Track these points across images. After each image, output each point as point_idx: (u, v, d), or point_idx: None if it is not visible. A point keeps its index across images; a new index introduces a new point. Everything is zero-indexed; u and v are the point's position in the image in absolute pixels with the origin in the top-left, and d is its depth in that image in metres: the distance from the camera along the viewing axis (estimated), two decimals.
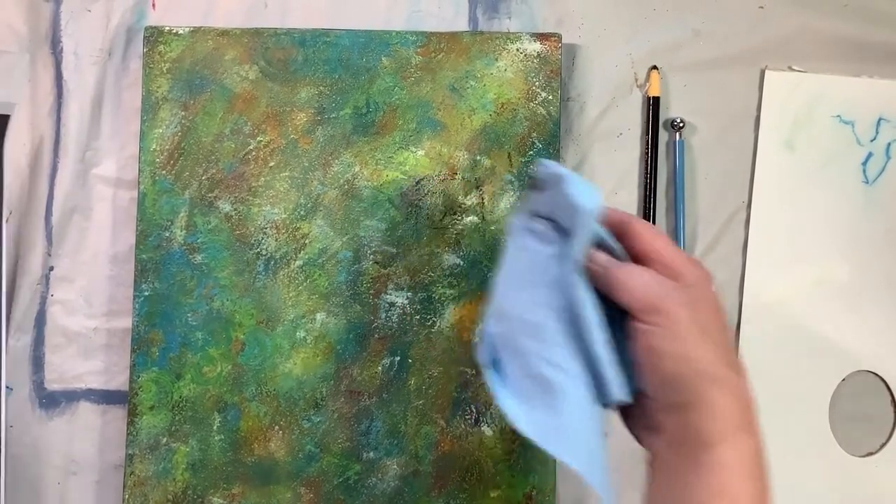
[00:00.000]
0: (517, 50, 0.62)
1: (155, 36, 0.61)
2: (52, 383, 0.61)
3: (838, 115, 0.62)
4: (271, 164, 0.61)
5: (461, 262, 0.61)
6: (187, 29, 0.62)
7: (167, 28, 0.61)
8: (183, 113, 0.61)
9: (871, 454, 0.61)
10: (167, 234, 0.61)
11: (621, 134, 0.63)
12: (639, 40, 0.63)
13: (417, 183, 0.61)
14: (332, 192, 0.61)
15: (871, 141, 0.62)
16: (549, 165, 0.47)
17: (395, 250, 0.61)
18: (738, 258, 0.62)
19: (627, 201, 0.62)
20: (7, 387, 0.61)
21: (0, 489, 0.53)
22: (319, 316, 0.60)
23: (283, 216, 0.61)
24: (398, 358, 0.60)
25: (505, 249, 0.49)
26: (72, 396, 0.61)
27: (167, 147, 0.61)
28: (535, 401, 0.45)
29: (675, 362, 0.42)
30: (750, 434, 0.42)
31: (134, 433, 0.60)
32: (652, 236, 0.45)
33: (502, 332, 0.47)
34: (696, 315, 0.43)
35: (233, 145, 0.61)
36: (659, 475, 0.43)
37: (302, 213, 0.61)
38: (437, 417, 0.60)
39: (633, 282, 0.44)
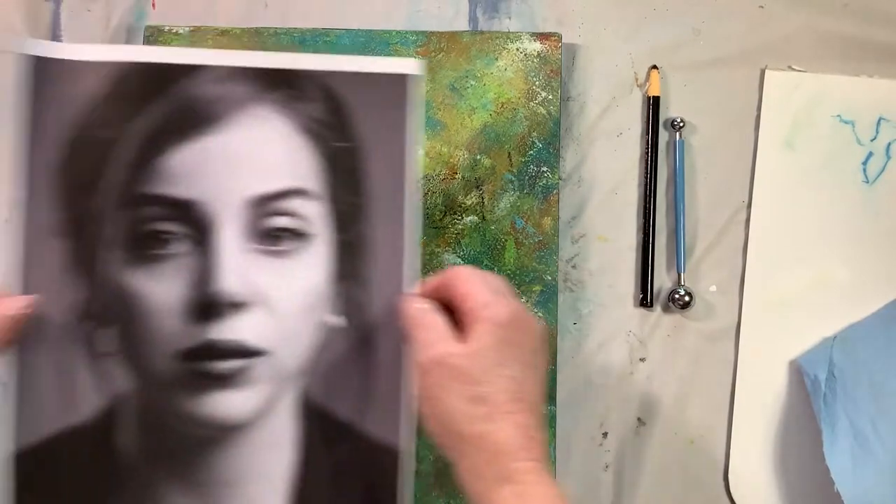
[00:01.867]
0: (517, 49, 0.62)
1: (155, 36, 0.61)
2: None
3: (838, 115, 0.62)
4: None
5: (461, 262, 0.61)
6: (187, 29, 0.62)
7: (167, 28, 0.61)
8: None
9: None
10: None
11: (621, 134, 0.63)
12: (639, 40, 0.63)
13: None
14: None
15: (871, 141, 0.62)
16: None
17: None
18: (738, 258, 0.62)
19: (627, 201, 0.62)
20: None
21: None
22: None
23: None
24: None
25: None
26: None
27: None
28: (847, 442, 0.56)
29: None
30: None
31: None
32: None
33: (844, 365, 0.57)
34: None
35: None
36: None
37: None
38: None
39: None
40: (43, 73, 0.48)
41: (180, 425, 0.48)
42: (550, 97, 0.61)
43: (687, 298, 0.60)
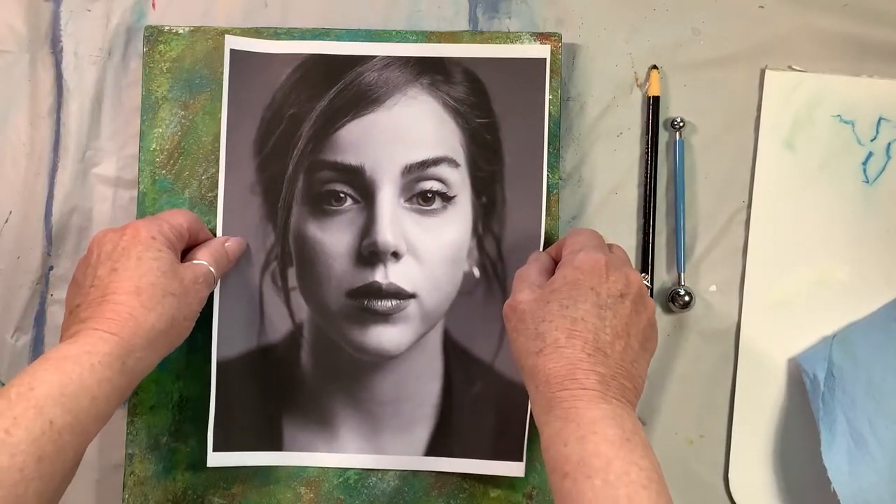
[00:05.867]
0: None
1: (155, 35, 0.61)
2: None
3: (838, 115, 0.62)
4: None
5: None
6: (187, 28, 0.61)
7: (167, 27, 0.61)
8: (183, 112, 0.61)
9: None
10: None
11: (621, 134, 0.63)
12: (639, 40, 0.63)
13: None
14: None
15: (871, 141, 0.62)
16: None
17: None
18: (738, 258, 0.62)
19: (627, 201, 0.62)
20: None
21: None
22: None
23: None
24: None
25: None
26: None
27: (167, 146, 0.61)
28: (844, 441, 0.56)
29: None
30: None
31: (134, 433, 0.59)
32: None
33: (843, 365, 0.57)
34: None
35: None
36: None
37: None
38: None
39: None
40: (242, 63, 0.59)
41: (348, 351, 0.59)
42: (550, 97, 0.60)
43: (687, 298, 0.60)
